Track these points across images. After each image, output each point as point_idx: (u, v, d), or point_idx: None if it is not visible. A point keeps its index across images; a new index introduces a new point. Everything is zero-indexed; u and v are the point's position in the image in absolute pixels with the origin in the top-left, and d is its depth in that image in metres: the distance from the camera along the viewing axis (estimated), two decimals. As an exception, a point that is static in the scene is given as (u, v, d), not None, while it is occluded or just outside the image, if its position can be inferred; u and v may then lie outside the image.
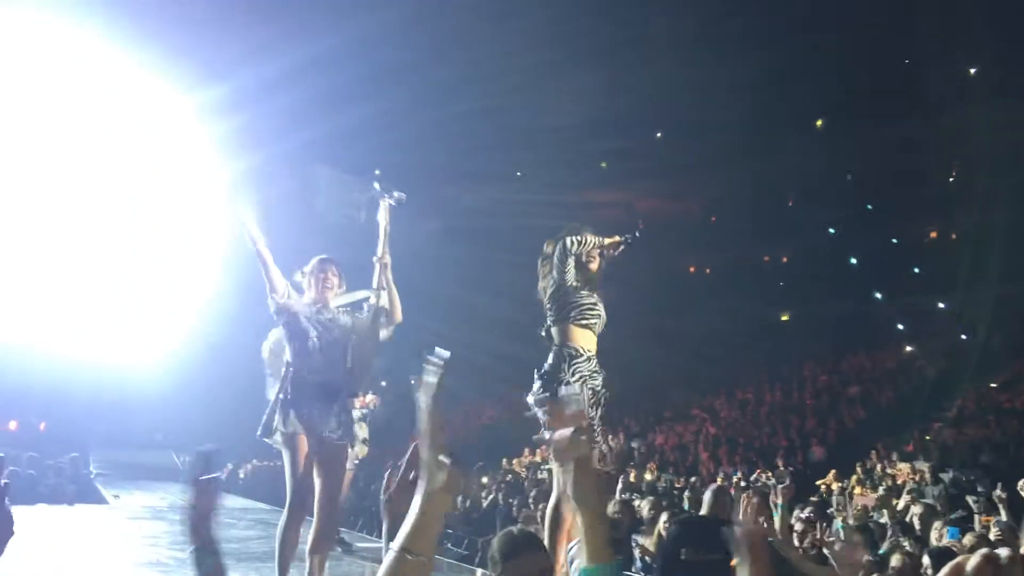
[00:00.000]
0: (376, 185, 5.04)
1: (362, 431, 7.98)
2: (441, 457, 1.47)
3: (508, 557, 2.72)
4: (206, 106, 16.99)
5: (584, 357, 4.59)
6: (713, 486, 6.04)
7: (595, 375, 4.63)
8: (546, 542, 4.21)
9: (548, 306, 4.70)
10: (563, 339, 4.63)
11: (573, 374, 4.51)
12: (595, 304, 4.70)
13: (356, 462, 8.04)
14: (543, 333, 4.77)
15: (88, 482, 13.46)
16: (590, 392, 4.55)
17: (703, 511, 5.55)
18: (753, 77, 23.71)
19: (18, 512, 1.99)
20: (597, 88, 24.62)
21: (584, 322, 4.64)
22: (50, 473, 12.66)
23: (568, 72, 24.24)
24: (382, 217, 5.01)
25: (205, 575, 2.13)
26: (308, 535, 4.71)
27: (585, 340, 4.64)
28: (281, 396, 4.69)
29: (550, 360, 4.61)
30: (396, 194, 5.04)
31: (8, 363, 17.17)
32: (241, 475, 19.67)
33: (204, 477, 2.24)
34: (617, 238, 4.80)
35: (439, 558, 6.08)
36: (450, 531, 9.82)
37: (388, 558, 1.46)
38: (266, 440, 4.80)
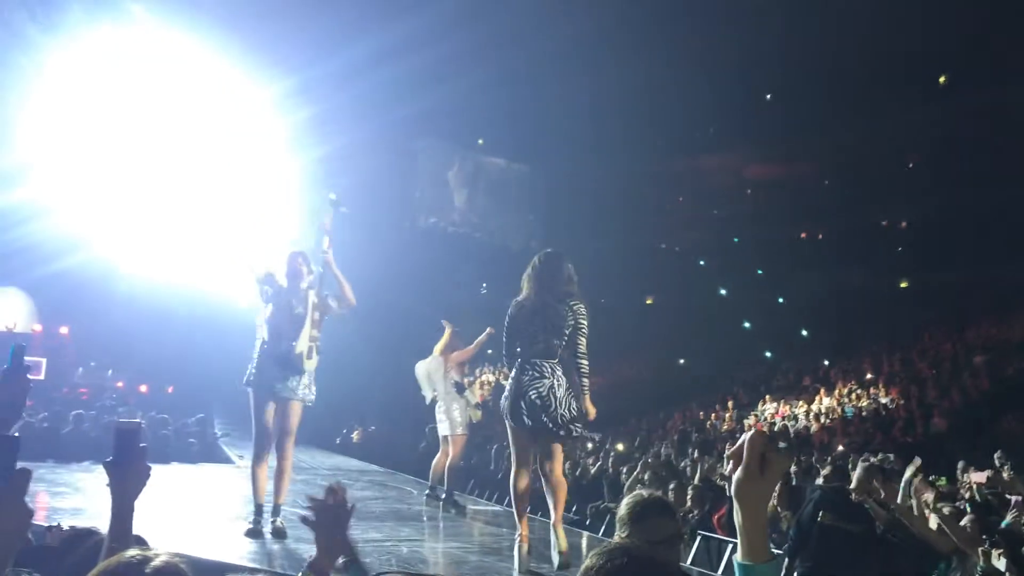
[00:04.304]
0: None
1: (474, 396, 8.11)
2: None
3: (636, 520, 2.76)
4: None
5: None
6: (864, 462, 5.90)
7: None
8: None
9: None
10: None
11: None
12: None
13: (469, 424, 8.14)
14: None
15: (213, 442, 14.12)
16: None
17: (852, 485, 5.46)
18: (868, 30, 22.56)
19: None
20: (705, 50, 23.95)
21: None
22: (178, 434, 13.37)
23: (675, 35, 23.68)
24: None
25: None
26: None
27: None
28: (254, 357, 5.90)
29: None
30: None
31: (140, 332, 18.27)
32: (354, 438, 20.20)
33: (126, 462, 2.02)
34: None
35: (542, 519, 6.16)
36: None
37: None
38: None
